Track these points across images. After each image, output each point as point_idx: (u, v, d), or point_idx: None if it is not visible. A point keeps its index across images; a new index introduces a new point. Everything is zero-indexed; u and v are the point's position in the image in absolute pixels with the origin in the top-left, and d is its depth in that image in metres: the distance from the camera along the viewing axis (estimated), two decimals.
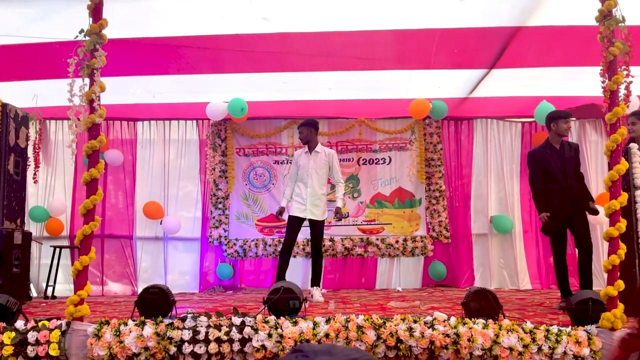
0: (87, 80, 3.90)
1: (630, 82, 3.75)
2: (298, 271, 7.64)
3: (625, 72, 3.74)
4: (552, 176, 5.15)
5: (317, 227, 5.86)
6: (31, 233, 6.67)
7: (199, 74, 6.19)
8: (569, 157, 5.18)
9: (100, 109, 3.87)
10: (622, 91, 3.77)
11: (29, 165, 6.72)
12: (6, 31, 4.98)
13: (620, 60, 3.75)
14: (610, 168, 3.76)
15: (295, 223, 5.88)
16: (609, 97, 3.76)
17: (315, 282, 5.90)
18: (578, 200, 5.08)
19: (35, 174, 7.12)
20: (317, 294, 5.78)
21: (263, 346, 3.57)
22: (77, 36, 3.89)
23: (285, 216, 6.00)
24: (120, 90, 6.07)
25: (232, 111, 7.00)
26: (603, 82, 3.79)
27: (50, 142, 7.84)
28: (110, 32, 3.97)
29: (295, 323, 3.67)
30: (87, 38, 3.88)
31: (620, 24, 3.71)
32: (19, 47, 5.34)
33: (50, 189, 7.76)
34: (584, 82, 5.92)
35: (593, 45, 3.97)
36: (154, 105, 7.22)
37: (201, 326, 3.64)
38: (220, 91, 6.80)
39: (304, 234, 6.24)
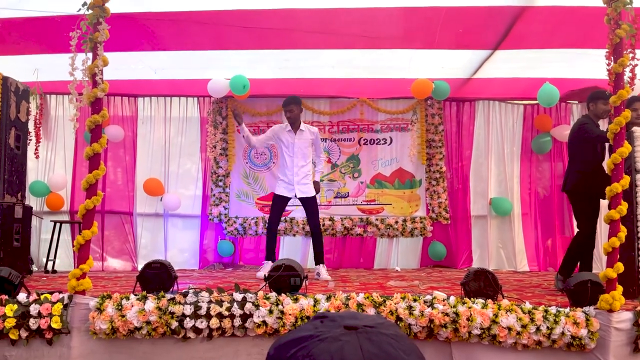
0: (89, 55, 3.88)
1: (636, 65, 3.74)
2: (297, 249, 7.69)
3: (630, 55, 3.73)
4: (596, 151, 5.04)
5: (310, 204, 5.88)
6: (32, 207, 6.68)
7: (200, 50, 6.15)
8: None
9: (102, 83, 3.85)
10: (626, 74, 3.76)
11: (30, 140, 6.71)
12: (7, 4, 4.93)
13: (627, 42, 3.73)
14: (613, 151, 3.77)
15: (281, 202, 5.90)
16: (614, 79, 3.75)
17: (319, 259, 5.90)
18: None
19: (36, 149, 7.12)
20: (324, 271, 5.81)
21: (264, 322, 3.61)
22: (79, 9, 3.86)
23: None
24: (121, 66, 6.02)
25: (234, 88, 6.97)
26: (608, 64, 3.78)
27: (50, 117, 7.80)
28: (112, 6, 3.94)
29: (296, 300, 3.71)
30: (90, 11, 3.85)
31: (627, 6, 3.69)
32: (20, 21, 5.29)
33: (50, 164, 7.74)
34: (587, 64, 5.90)
35: (598, 27, 3.95)
36: (155, 82, 7.18)
37: (203, 301, 3.67)
38: (222, 68, 6.76)
39: (302, 212, 6.29)
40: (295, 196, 5.84)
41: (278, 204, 5.90)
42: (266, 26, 5.38)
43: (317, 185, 6.04)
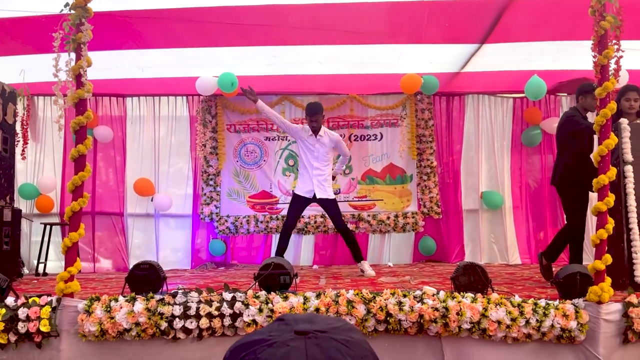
0: (73, 55, 3.85)
1: (621, 56, 3.75)
2: (290, 248, 7.65)
3: (615, 47, 3.73)
4: (584, 143, 5.04)
5: (331, 206, 5.84)
6: (21, 210, 6.64)
7: (188, 47, 6.10)
8: None
9: (87, 84, 3.83)
10: (612, 65, 3.77)
11: (17, 141, 6.66)
12: None
13: (611, 34, 3.73)
14: (599, 143, 3.78)
15: (299, 203, 5.83)
16: (600, 71, 3.76)
17: (358, 257, 5.87)
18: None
19: (23, 150, 7.05)
20: (367, 267, 5.82)
21: (254, 321, 3.60)
22: (62, 10, 3.83)
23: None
24: (108, 66, 5.99)
25: (222, 86, 6.93)
26: (595, 56, 3.79)
27: (38, 118, 7.75)
28: (96, 5, 3.90)
29: (285, 298, 3.70)
30: (73, 12, 3.82)
31: None
32: (4, 21, 5.24)
33: (39, 166, 7.69)
34: (575, 56, 5.90)
35: (584, 19, 3.95)
36: (143, 80, 7.13)
37: (192, 302, 3.67)
38: (210, 65, 6.71)
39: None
40: (314, 197, 5.79)
41: (295, 203, 5.86)
42: (252, 22, 5.35)
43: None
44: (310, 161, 5.81)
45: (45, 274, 6.81)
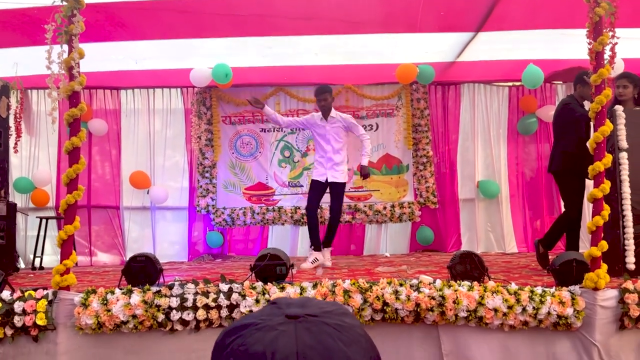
0: (65, 47, 3.82)
1: (616, 43, 3.74)
2: (286, 238, 7.69)
3: (610, 34, 3.72)
4: (580, 131, 4.99)
5: (336, 188, 5.87)
6: (16, 204, 6.60)
7: (182, 38, 6.05)
8: None
9: (80, 76, 3.80)
10: (607, 52, 3.76)
11: (10, 135, 6.61)
12: None
13: (606, 21, 3.72)
14: (595, 130, 3.77)
15: (317, 186, 5.90)
16: (595, 58, 3.75)
17: (327, 242, 5.91)
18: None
19: (16, 143, 6.99)
20: (327, 255, 5.85)
21: (251, 312, 3.59)
22: (54, 1, 3.80)
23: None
24: (101, 58, 5.94)
25: (217, 77, 6.90)
26: (589, 43, 3.78)
27: (32, 112, 7.70)
28: None
29: (282, 289, 3.70)
30: (65, 3, 3.79)
31: None
32: None
33: (34, 159, 7.66)
34: (570, 44, 5.88)
35: (579, 7, 3.93)
36: (137, 72, 7.07)
37: (189, 293, 3.66)
38: (204, 56, 6.67)
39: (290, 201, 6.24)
40: (327, 181, 5.83)
41: (314, 188, 5.93)
42: (246, 13, 5.32)
43: (364, 170, 5.85)
44: (324, 147, 5.87)
45: (41, 268, 6.78)
